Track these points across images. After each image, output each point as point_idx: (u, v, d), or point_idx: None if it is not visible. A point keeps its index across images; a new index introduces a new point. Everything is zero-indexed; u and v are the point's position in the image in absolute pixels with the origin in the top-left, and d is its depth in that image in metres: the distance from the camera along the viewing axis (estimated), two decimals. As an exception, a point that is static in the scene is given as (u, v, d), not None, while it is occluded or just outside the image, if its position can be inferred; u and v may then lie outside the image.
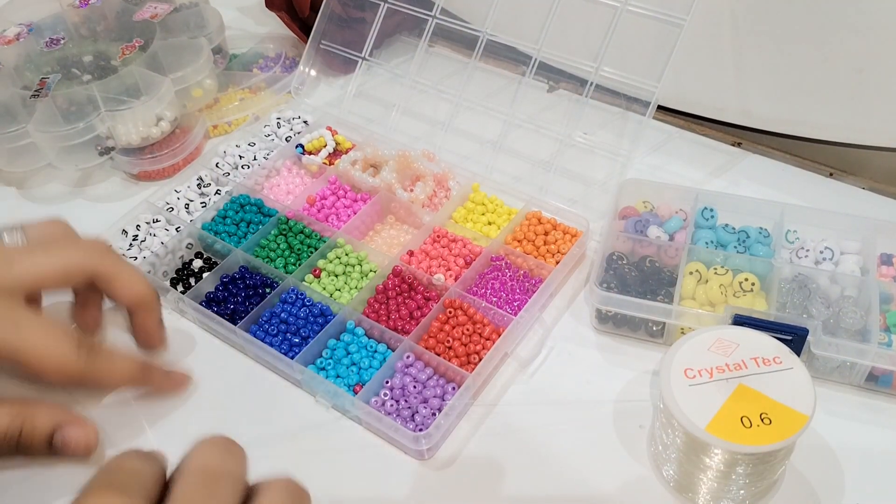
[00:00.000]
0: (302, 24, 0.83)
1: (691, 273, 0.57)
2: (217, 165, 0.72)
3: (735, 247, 0.59)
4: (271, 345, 0.57)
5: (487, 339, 0.57)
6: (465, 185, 0.68)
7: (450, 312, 0.58)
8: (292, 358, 0.56)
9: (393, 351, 0.57)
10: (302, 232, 0.66)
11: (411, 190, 0.67)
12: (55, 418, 0.47)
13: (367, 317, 0.59)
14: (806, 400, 0.44)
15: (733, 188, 0.69)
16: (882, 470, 0.50)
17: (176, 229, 0.66)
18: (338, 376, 0.56)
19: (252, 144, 0.74)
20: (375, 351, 0.57)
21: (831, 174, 0.70)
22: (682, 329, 0.56)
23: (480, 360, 0.55)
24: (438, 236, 0.64)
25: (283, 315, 0.59)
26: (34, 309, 0.50)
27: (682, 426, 0.44)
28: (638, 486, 0.50)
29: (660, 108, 0.75)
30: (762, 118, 0.71)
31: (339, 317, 0.58)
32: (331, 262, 0.63)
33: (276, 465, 0.52)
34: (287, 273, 0.62)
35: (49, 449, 0.47)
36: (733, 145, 0.74)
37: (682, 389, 0.44)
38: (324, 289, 0.61)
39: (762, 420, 0.43)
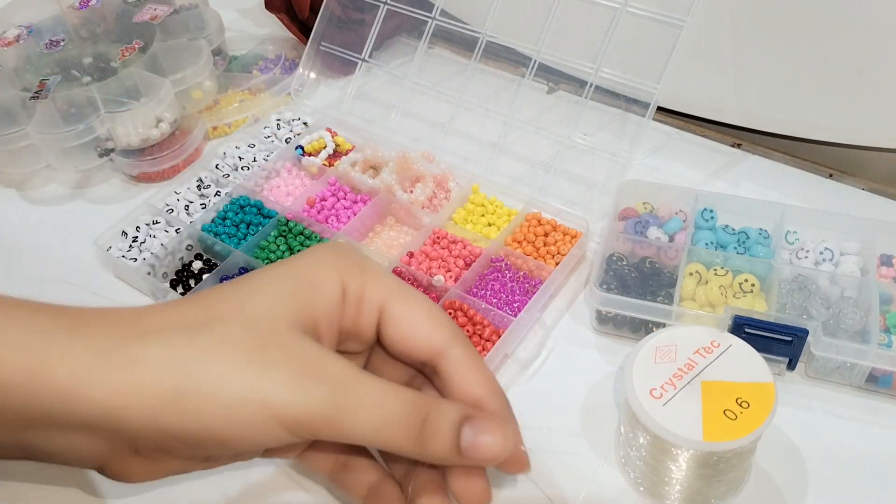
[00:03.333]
0: (302, 25, 0.83)
1: (691, 274, 0.57)
2: (217, 167, 0.72)
3: (735, 248, 0.59)
4: (271, 346, 0.57)
5: (487, 341, 0.57)
6: (464, 187, 0.68)
7: (450, 314, 0.58)
8: (292, 359, 0.55)
9: (393, 352, 0.57)
10: (302, 233, 0.65)
11: (411, 191, 0.67)
12: (462, 410, 0.35)
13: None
14: (761, 368, 0.46)
15: (733, 189, 0.69)
16: (883, 470, 0.50)
17: (176, 231, 0.66)
18: (338, 378, 0.55)
19: (252, 146, 0.75)
20: (375, 352, 0.57)
21: (831, 175, 0.70)
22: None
23: (480, 361, 0.55)
24: (438, 237, 0.64)
25: (282, 316, 0.59)
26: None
27: (685, 451, 0.44)
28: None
29: (659, 109, 0.75)
30: (762, 119, 0.71)
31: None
32: (330, 263, 0.63)
33: (276, 467, 0.52)
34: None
35: (456, 449, 0.34)
36: (733, 146, 0.74)
37: (661, 413, 0.44)
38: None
39: (740, 405, 0.44)
